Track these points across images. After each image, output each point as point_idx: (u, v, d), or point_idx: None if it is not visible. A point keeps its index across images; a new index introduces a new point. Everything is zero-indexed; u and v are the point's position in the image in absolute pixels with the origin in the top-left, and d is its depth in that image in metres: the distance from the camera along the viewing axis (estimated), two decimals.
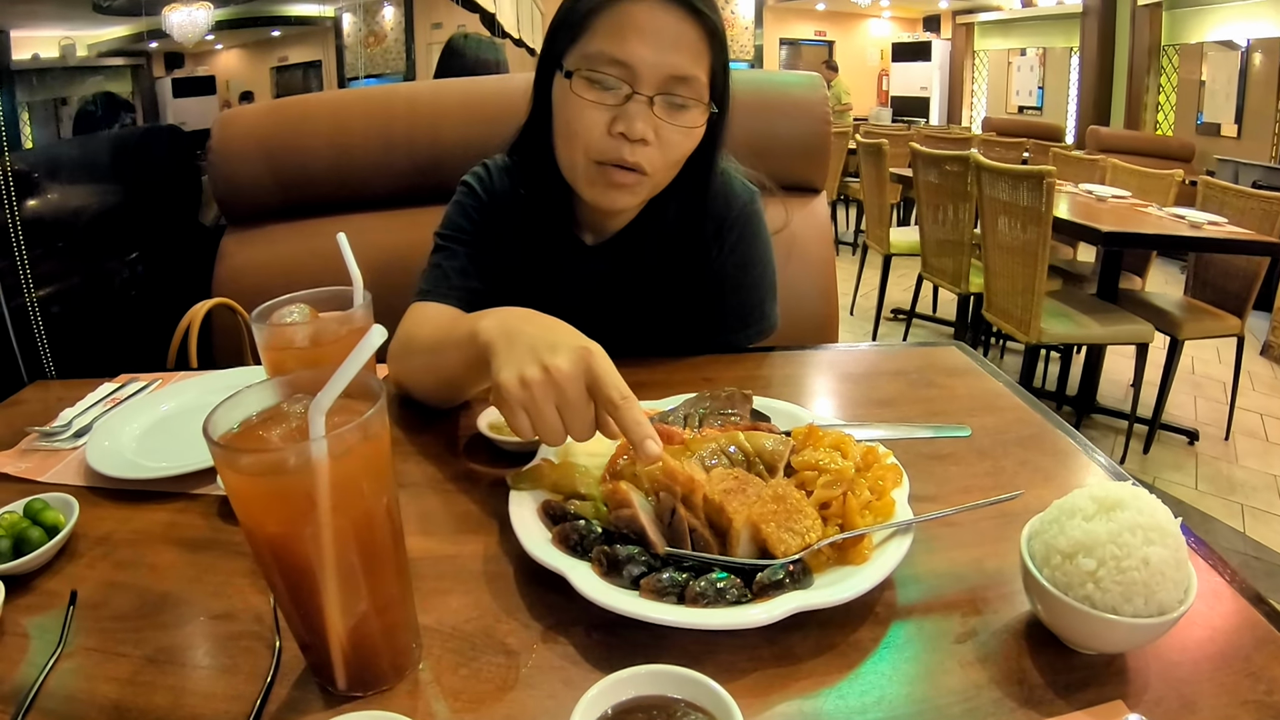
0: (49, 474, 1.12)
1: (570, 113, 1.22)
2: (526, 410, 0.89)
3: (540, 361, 0.89)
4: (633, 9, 1.18)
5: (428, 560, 0.88)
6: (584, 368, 0.88)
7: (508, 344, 0.94)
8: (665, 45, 1.18)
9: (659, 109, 1.20)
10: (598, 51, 1.19)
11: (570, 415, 0.89)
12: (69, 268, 2.55)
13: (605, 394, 0.87)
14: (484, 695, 0.71)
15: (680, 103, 1.21)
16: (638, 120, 1.18)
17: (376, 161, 2.00)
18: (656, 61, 1.17)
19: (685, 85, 1.20)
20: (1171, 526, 0.71)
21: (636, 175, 1.23)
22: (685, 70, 1.19)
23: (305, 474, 0.60)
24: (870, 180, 5.88)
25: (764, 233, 1.48)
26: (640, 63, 1.17)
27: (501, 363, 0.92)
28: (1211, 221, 3.78)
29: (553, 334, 0.94)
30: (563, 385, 0.87)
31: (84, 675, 0.75)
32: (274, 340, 0.96)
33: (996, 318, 3.97)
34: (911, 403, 1.27)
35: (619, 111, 1.19)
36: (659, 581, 0.76)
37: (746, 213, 1.45)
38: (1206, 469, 3.82)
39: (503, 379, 0.90)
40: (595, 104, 1.20)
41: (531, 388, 0.88)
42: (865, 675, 0.72)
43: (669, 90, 1.19)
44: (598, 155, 1.22)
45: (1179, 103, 10.08)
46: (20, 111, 2.95)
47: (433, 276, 1.38)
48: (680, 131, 1.23)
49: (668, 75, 1.18)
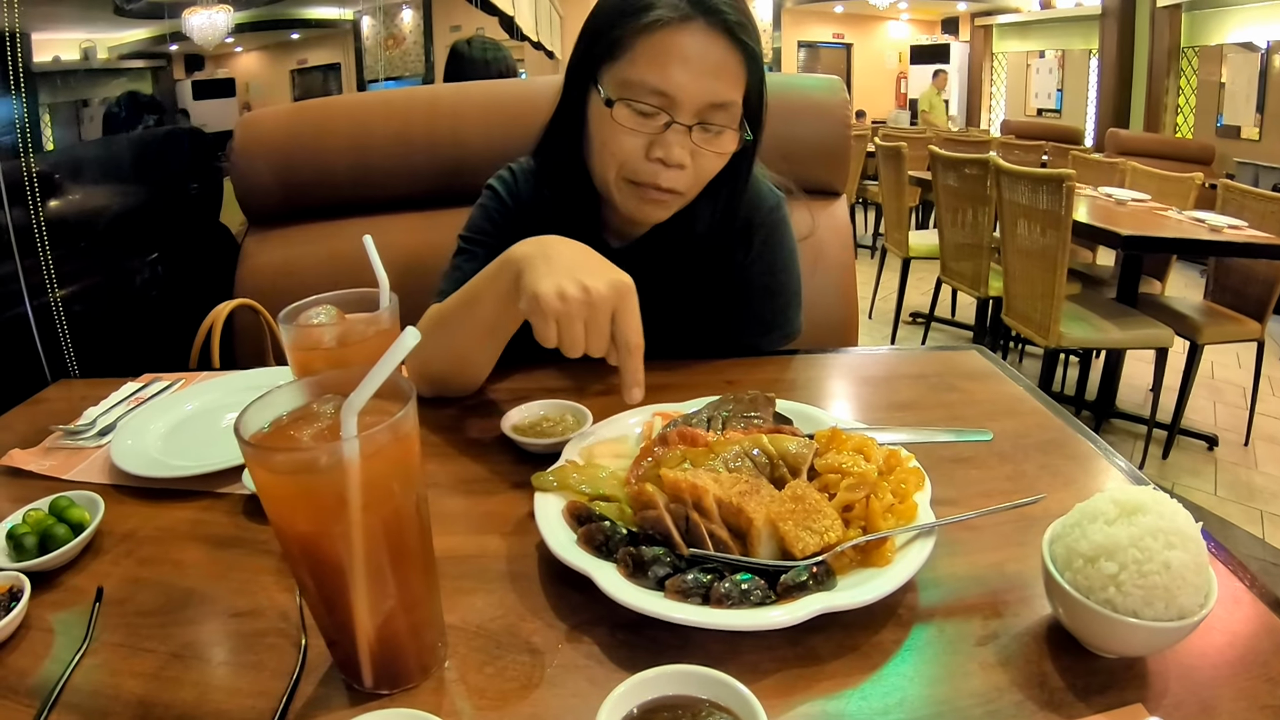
0: (73, 472, 1.13)
1: (607, 135, 1.24)
2: (558, 321, 0.98)
3: (580, 281, 0.98)
4: (677, 37, 1.18)
5: (453, 560, 0.88)
6: (617, 298, 0.99)
7: (545, 261, 1.02)
8: (706, 73, 1.19)
9: (695, 135, 1.21)
10: (640, 80, 1.19)
11: (593, 336, 0.99)
12: (92, 268, 2.57)
13: (625, 331, 0.99)
14: (509, 694, 0.72)
15: (716, 129, 1.22)
16: (675, 148, 1.20)
17: (397, 164, 2.01)
18: (697, 90, 1.19)
19: (722, 112, 1.21)
20: (1192, 531, 0.71)
21: (670, 194, 1.26)
22: (723, 97, 1.20)
23: (337, 473, 0.60)
24: (889, 183, 5.88)
25: (790, 239, 1.49)
26: (680, 92, 1.18)
27: (540, 275, 0.99)
28: (1231, 225, 3.76)
29: (592, 259, 1.04)
30: (597, 307, 0.97)
31: (109, 670, 0.76)
32: (302, 341, 0.97)
33: (1016, 321, 3.96)
34: (932, 406, 1.27)
35: (657, 139, 1.21)
36: (684, 582, 0.77)
37: (773, 218, 1.45)
38: (1226, 475, 3.80)
39: (542, 289, 0.97)
40: (632, 130, 1.21)
41: (569, 302, 0.97)
42: (887, 676, 0.72)
43: (706, 119, 1.21)
44: (633, 176, 1.25)
45: (1199, 105, 10.03)
46: (42, 113, 2.98)
47: (452, 278, 1.38)
48: (713, 154, 1.25)
49: (706, 103, 1.20)
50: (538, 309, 0.98)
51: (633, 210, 1.30)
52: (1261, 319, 3.84)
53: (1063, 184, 3.38)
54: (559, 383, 1.36)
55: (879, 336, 5.93)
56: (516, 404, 1.18)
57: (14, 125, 2.30)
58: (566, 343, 0.99)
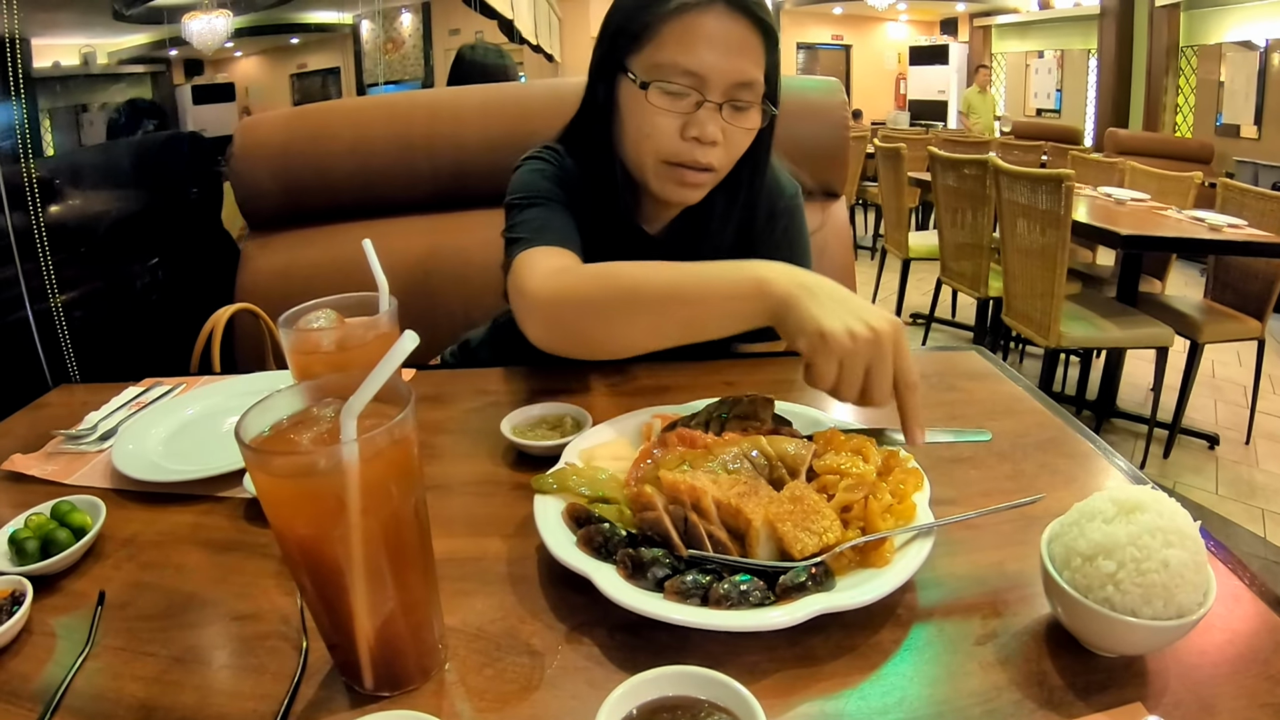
0: (75, 476, 1.13)
1: (642, 118, 1.27)
2: (843, 361, 0.93)
3: (865, 321, 0.93)
4: (702, 19, 1.22)
5: (452, 562, 0.88)
6: (896, 337, 0.93)
7: (812, 297, 0.98)
8: (732, 52, 1.23)
9: (725, 112, 1.25)
10: (670, 62, 1.22)
11: (878, 377, 0.93)
12: (92, 272, 2.57)
13: (905, 371, 0.93)
14: (509, 695, 0.72)
15: (743, 106, 1.26)
16: (709, 125, 1.24)
17: (397, 168, 2.02)
18: (725, 69, 1.22)
19: (748, 89, 1.25)
20: (1191, 529, 0.71)
21: (706, 174, 1.29)
22: (749, 75, 1.24)
23: (336, 476, 0.61)
24: (888, 184, 5.88)
25: (805, 228, 1.53)
26: (710, 71, 1.22)
27: (824, 313, 0.95)
28: (1231, 224, 3.76)
29: (855, 298, 0.99)
30: (883, 346, 0.92)
31: (111, 674, 0.76)
32: (302, 345, 0.97)
33: (1016, 321, 3.96)
34: (932, 406, 1.26)
35: (691, 118, 1.24)
36: (683, 584, 0.77)
37: (792, 205, 1.50)
38: (1227, 473, 3.80)
39: (831, 327, 0.93)
40: (666, 110, 1.24)
41: (858, 341, 0.92)
42: (886, 676, 0.73)
43: (735, 96, 1.24)
44: (670, 157, 1.27)
45: (1198, 104, 10.04)
46: (42, 118, 2.99)
47: (544, 226, 1.33)
48: (743, 132, 1.28)
49: (734, 81, 1.23)
50: (824, 347, 0.93)
51: (670, 193, 1.32)
52: (1262, 317, 3.84)
53: (1062, 184, 3.38)
54: (558, 385, 1.36)
55: None
56: (516, 406, 1.19)
57: (14, 130, 2.30)
58: (848, 382, 0.94)
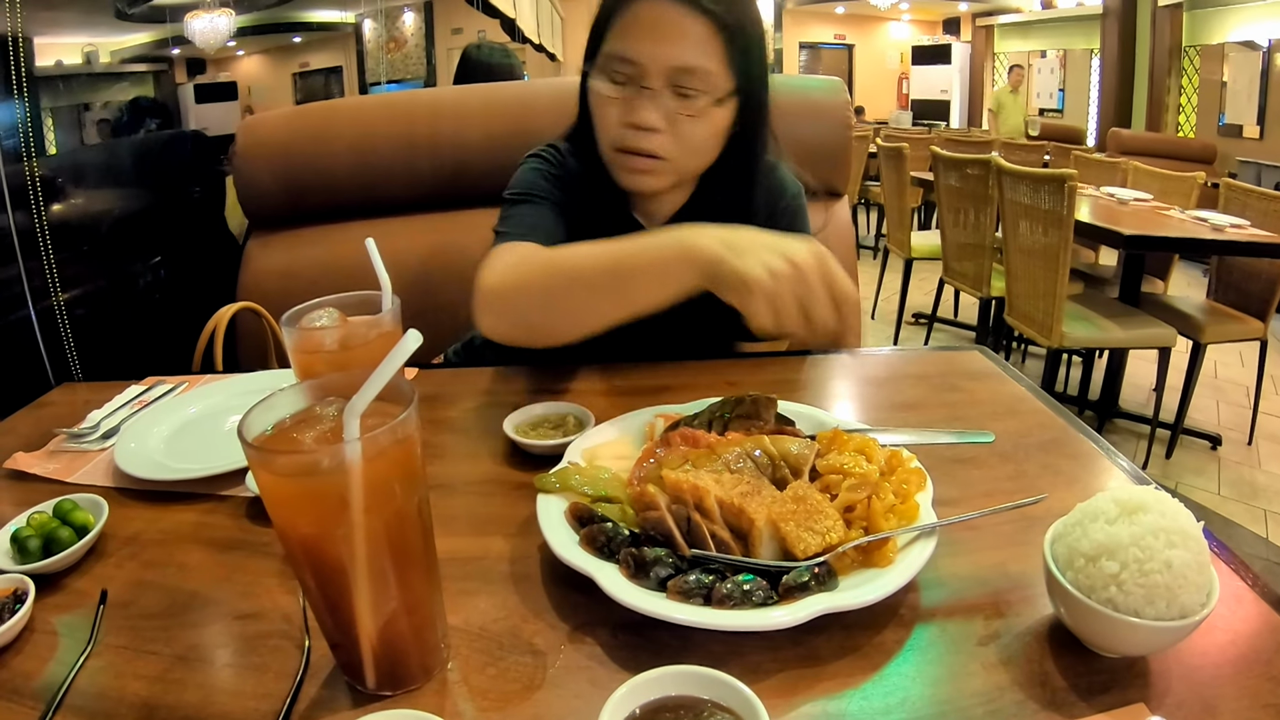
0: (77, 475, 1.13)
1: (594, 109, 1.33)
2: (773, 301, 0.97)
3: (784, 256, 0.98)
4: (640, 8, 1.27)
5: (455, 561, 0.88)
6: (819, 263, 0.99)
7: (733, 248, 1.01)
8: (667, 39, 1.25)
9: (669, 99, 1.26)
10: (611, 50, 1.29)
11: (812, 304, 0.98)
12: (95, 271, 2.58)
13: (838, 290, 0.99)
14: (511, 695, 0.72)
15: (689, 94, 1.27)
16: (642, 110, 1.27)
17: (400, 167, 2.02)
18: (658, 54, 1.25)
19: (691, 76, 1.26)
20: (1194, 530, 0.71)
21: (653, 161, 1.31)
22: (688, 62, 1.25)
23: (339, 475, 0.61)
24: (891, 184, 5.88)
25: (808, 227, 1.53)
26: (644, 57, 1.25)
27: (741, 264, 0.99)
28: (1234, 224, 3.75)
29: (778, 238, 1.03)
30: (808, 275, 0.98)
31: (114, 673, 0.76)
32: (304, 344, 0.97)
33: (1018, 321, 3.96)
34: (934, 407, 1.27)
35: (627, 104, 1.28)
36: (686, 583, 0.77)
37: (795, 205, 1.50)
38: (1229, 474, 3.80)
39: (750, 272, 0.97)
40: (610, 98, 1.30)
41: (779, 278, 0.97)
42: (889, 677, 0.73)
43: (676, 81, 1.26)
44: (617, 144, 1.31)
45: (1200, 104, 10.02)
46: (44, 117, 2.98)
47: (523, 222, 1.38)
48: (690, 120, 1.28)
49: (671, 67, 1.25)
50: (750, 293, 0.97)
51: (625, 181, 1.35)
52: (1264, 318, 3.83)
53: (1064, 184, 3.38)
54: (561, 385, 1.36)
55: (882, 337, 5.93)
56: (519, 406, 1.19)
57: (16, 129, 2.30)
58: (785, 317, 0.98)
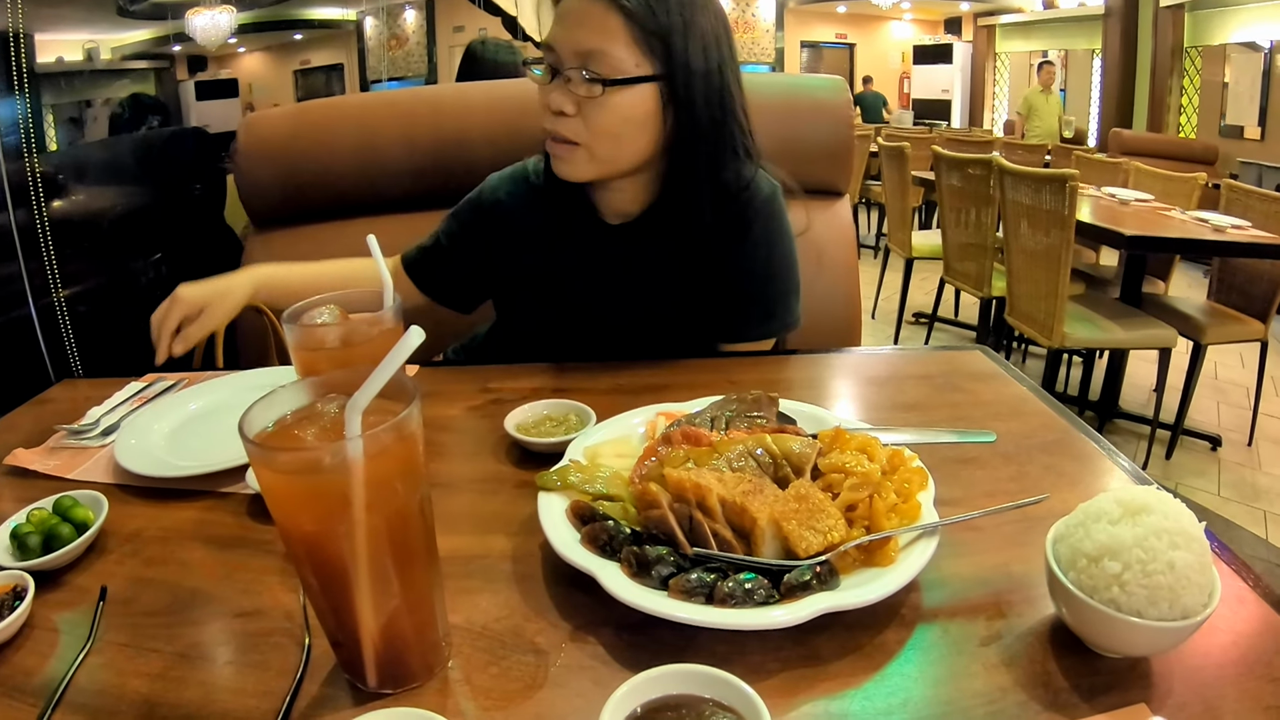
0: (77, 471, 1.13)
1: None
2: None
3: None
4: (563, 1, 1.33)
5: (456, 560, 0.88)
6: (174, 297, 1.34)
7: None
8: (571, 25, 1.30)
9: (575, 84, 1.30)
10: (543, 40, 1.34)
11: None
12: (96, 268, 2.58)
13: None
14: (513, 694, 0.72)
15: (591, 76, 1.29)
16: (551, 93, 1.32)
17: (401, 164, 2.01)
18: (565, 39, 1.30)
19: (596, 59, 1.28)
20: (1196, 531, 0.71)
21: (567, 146, 1.35)
22: (590, 45, 1.28)
23: (340, 473, 0.61)
24: (892, 183, 5.87)
25: (787, 227, 1.51)
26: (556, 42, 1.31)
27: None
28: (1235, 225, 3.74)
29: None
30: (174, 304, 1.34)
31: (114, 670, 0.76)
32: (306, 341, 0.97)
33: (1019, 322, 3.96)
34: (936, 407, 1.27)
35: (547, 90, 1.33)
36: (688, 582, 0.77)
37: (769, 207, 1.48)
38: (1229, 475, 3.79)
39: None
40: (540, 87, 1.35)
41: None
42: (891, 677, 0.72)
43: (583, 65, 1.29)
44: (544, 130, 1.37)
45: (1202, 105, 10.02)
46: (45, 114, 2.98)
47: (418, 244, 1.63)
48: (594, 103, 1.30)
49: (576, 51, 1.29)
50: None
51: (554, 168, 1.39)
52: (1265, 319, 3.82)
53: (1066, 184, 3.37)
54: (563, 383, 1.36)
55: (882, 336, 5.93)
56: (520, 404, 1.19)
57: (17, 126, 2.30)
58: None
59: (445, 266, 1.59)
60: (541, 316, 1.56)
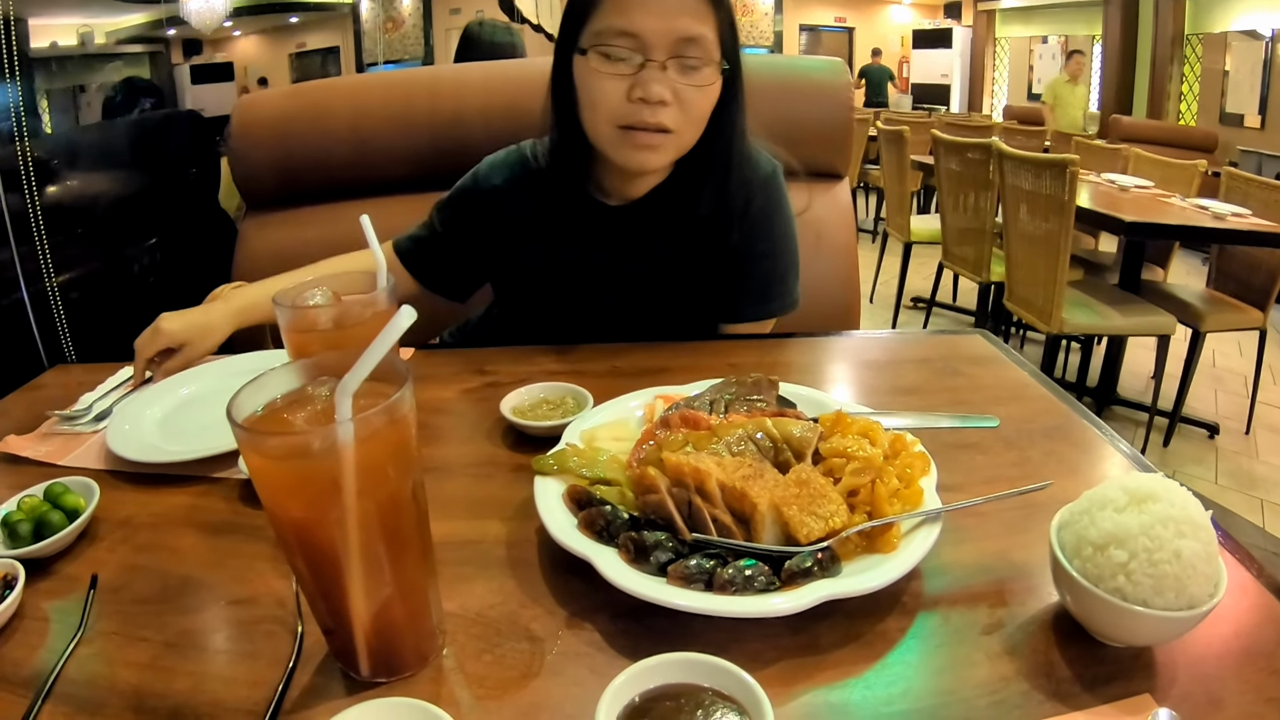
0: (69, 458, 1.12)
1: (591, 86, 1.29)
2: None
3: None
4: None
5: (451, 545, 0.87)
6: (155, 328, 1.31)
7: None
8: (669, 12, 1.25)
9: (673, 71, 1.26)
10: (607, 26, 1.26)
11: None
12: (89, 253, 2.56)
13: None
14: (508, 682, 0.70)
15: (692, 64, 1.26)
16: (654, 84, 1.25)
17: (397, 146, 2.00)
18: (662, 28, 1.24)
19: (694, 46, 1.26)
20: (1203, 519, 0.70)
21: (662, 135, 1.30)
22: (691, 31, 1.25)
23: (330, 457, 0.59)
24: (891, 168, 5.84)
25: (786, 205, 1.51)
26: (648, 31, 1.24)
27: None
28: (1235, 213, 3.73)
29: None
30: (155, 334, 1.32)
31: (104, 660, 0.75)
32: (298, 323, 0.95)
33: (1018, 307, 3.94)
34: (937, 391, 1.26)
35: (635, 79, 1.26)
36: (686, 568, 0.76)
37: (770, 184, 1.47)
38: (1227, 464, 3.79)
39: None
40: (612, 75, 1.26)
41: None
42: (891, 666, 0.71)
43: (680, 53, 1.26)
44: (622, 120, 1.29)
45: (1202, 93, 9.98)
46: (39, 99, 2.95)
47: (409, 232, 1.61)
48: (695, 90, 1.28)
49: (675, 39, 1.25)
50: None
51: (628, 159, 1.33)
52: (1264, 308, 3.81)
53: (1066, 169, 3.35)
54: (560, 366, 1.35)
55: (880, 321, 5.91)
56: (516, 386, 1.17)
57: (10, 111, 2.28)
58: None
59: (439, 255, 1.57)
60: (539, 300, 1.55)
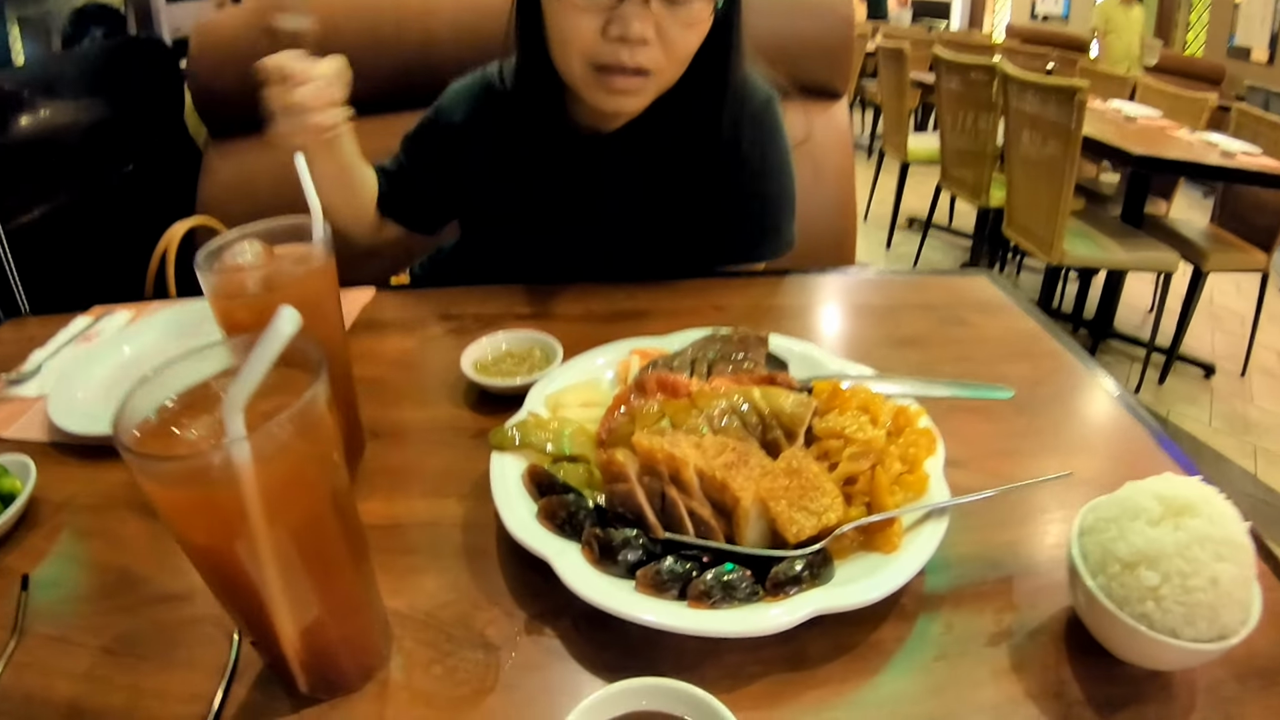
0: (13, 429, 1.04)
1: (562, 20, 1.13)
2: None
3: None
4: None
5: (400, 529, 0.80)
6: None
7: None
8: None
9: (655, 5, 1.09)
10: None
11: None
12: (42, 194, 2.39)
13: None
14: (459, 700, 0.64)
15: None
16: (634, 21, 1.08)
17: (362, 63, 1.86)
18: None
19: None
20: (1242, 538, 0.62)
21: (640, 78, 1.15)
22: None
23: (226, 484, 0.49)
24: (889, 86, 5.64)
25: (782, 139, 1.37)
26: None
27: None
28: (1245, 151, 3.59)
29: None
30: None
31: (40, 670, 0.69)
32: (221, 288, 0.82)
33: (1017, 235, 3.84)
34: (940, 344, 1.17)
35: (613, 15, 1.09)
36: (658, 572, 0.68)
37: (763, 115, 1.34)
38: (1221, 405, 3.73)
39: None
40: (583, 9, 1.10)
41: None
42: (885, 684, 0.65)
43: None
44: (596, 60, 1.13)
45: (1211, 23, 9.72)
46: (9, 26, 2.79)
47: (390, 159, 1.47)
48: (681, 26, 1.12)
49: None
50: None
51: (602, 102, 1.19)
52: (1269, 249, 3.72)
53: (1074, 95, 3.21)
54: (529, 309, 1.26)
55: (875, 241, 5.75)
56: (479, 334, 1.08)
57: None
58: None
59: (404, 189, 1.43)
60: (509, 239, 1.43)
